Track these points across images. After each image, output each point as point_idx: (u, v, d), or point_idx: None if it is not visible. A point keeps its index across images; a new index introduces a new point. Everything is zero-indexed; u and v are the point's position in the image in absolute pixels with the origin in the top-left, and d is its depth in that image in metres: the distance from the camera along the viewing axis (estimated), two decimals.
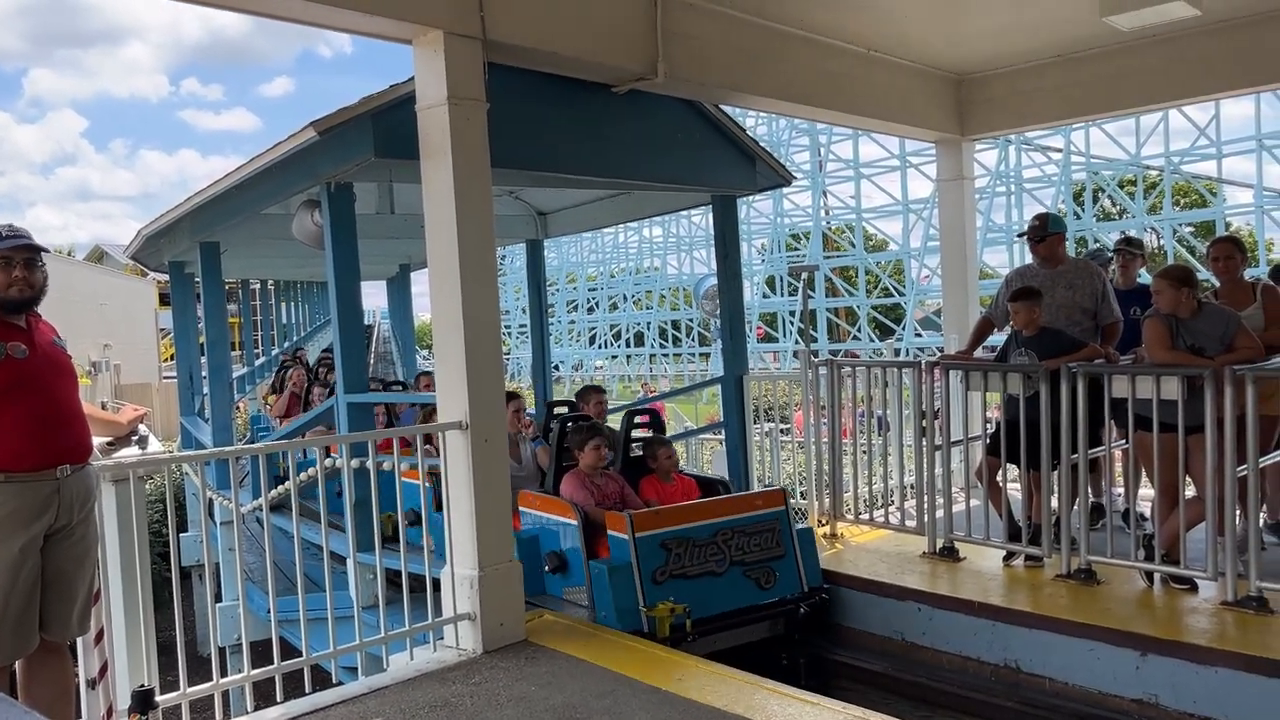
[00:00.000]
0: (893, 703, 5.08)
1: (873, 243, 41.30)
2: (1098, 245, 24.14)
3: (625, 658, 4.75)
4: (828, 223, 40.03)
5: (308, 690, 4.43)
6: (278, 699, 4.35)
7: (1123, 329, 6.40)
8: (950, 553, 6.25)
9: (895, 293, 36.36)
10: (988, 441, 6.39)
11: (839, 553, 6.61)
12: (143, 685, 3.82)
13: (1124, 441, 6.05)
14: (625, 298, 49.97)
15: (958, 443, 6.58)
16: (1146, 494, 6.17)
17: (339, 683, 4.78)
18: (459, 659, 4.80)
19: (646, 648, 4.93)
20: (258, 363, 18.85)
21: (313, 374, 11.56)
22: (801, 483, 7.80)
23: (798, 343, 33.28)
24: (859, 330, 36.95)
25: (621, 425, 6.66)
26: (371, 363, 24.57)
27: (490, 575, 4.91)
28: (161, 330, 36.61)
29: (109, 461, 3.91)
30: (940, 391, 6.47)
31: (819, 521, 7.01)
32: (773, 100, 7.05)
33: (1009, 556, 6.07)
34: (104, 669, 3.74)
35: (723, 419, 8.43)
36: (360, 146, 5.79)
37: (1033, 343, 5.99)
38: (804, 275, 10.98)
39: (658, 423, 6.93)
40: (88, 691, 3.70)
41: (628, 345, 49.31)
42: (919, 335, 32.94)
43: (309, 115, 5.89)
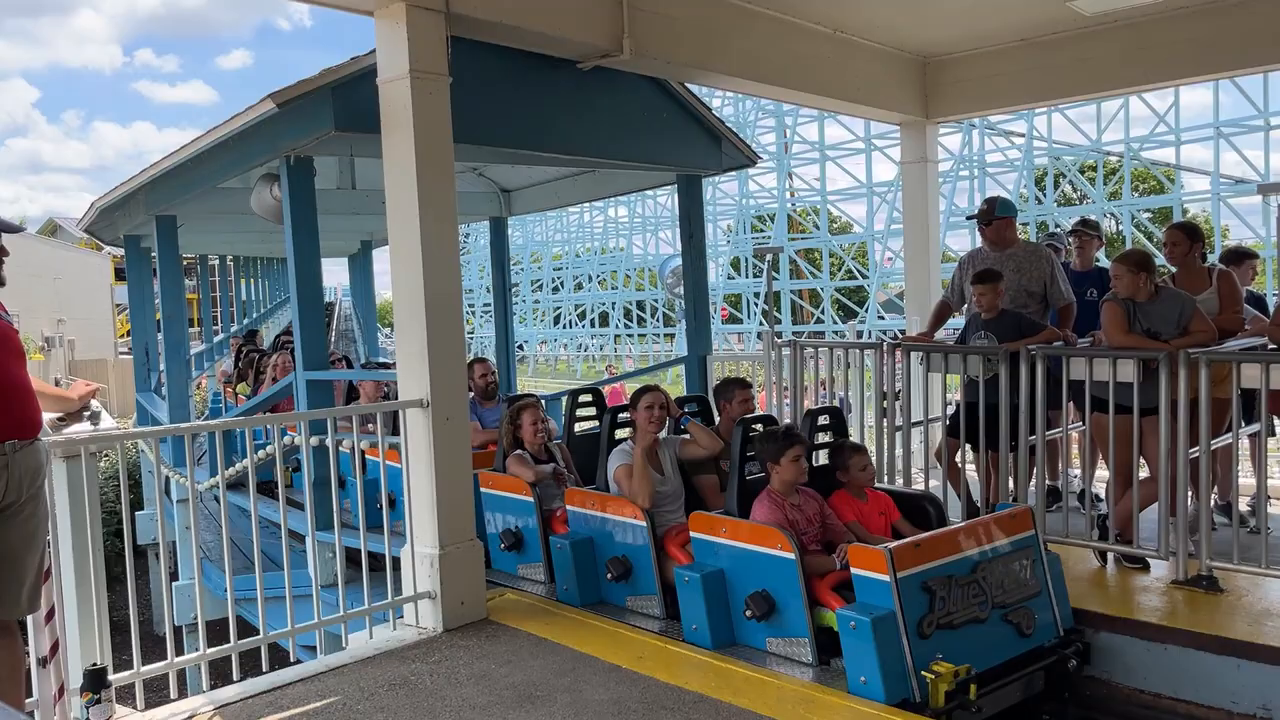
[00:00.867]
0: None
1: (837, 225, 41.50)
2: (1058, 229, 24.43)
3: (586, 636, 4.76)
4: (793, 205, 40.15)
5: (265, 669, 4.40)
6: (234, 678, 4.31)
7: (1081, 312, 6.47)
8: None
9: (859, 275, 36.60)
10: (947, 423, 6.45)
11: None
12: (95, 664, 3.77)
13: (1081, 424, 6.12)
14: (590, 277, 49.88)
15: (918, 424, 6.62)
16: (1103, 475, 6.26)
17: (297, 661, 4.75)
18: (419, 637, 4.78)
19: (608, 626, 4.94)
20: (216, 339, 18.59)
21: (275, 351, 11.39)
22: None
23: (762, 324, 33.41)
24: (822, 312, 37.15)
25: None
26: (333, 340, 24.34)
27: (451, 554, 4.89)
28: (117, 305, 36.02)
29: (59, 438, 3.83)
30: (901, 373, 6.51)
31: None
32: (739, 80, 7.02)
33: None
34: (55, 647, 3.67)
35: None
36: (320, 120, 5.71)
37: (993, 325, 6.05)
38: (768, 257, 10.99)
39: (840, 423, 5.47)
40: (39, 670, 3.63)
41: (592, 325, 49.25)
42: (881, 317, 33.17)
43: (267, 88, 5.78)
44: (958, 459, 6.32)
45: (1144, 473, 5.61)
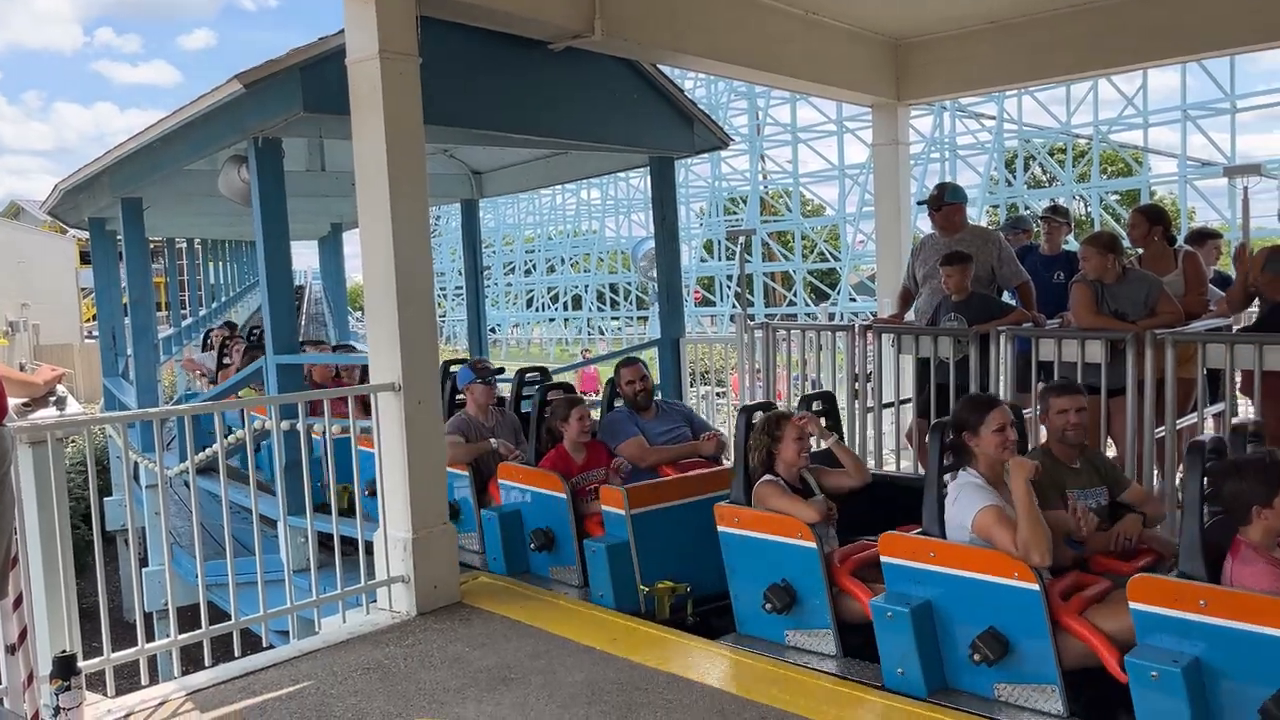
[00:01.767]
0: None
1: (809, 207, 41.56)
2: (1027, 211, 24.63)
3: (560, 618, 4.77)
4: (765, 187, 40.16)
5: (237, 655, 4.38)
6: (206, 664, 4.28)
7: (1049, 294, 6.53)
8: None
9: (831, 258, 36.71)
10: (918, 404, 6.50)
11: None
12: (64, 651, 3.73)
13: None
14: (563, 260, 49.68)
15: (889, 405, 6.68)
16: None
17: (270, 646, 4.72)
18: (392, 621, 4.78)
19: (582, 609, 4.95)
20: (184, 323, 18.38)
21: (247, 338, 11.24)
22: None
23: (735, 307, 33.46)
24: (795, 295, 37.25)
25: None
26: (303, 324, 24.15)
27: (424, 538, 4.88)
28: (83, 289, 35.49)
29: (25, 423, 3.78)
30: (873, 355, 6.56)
31: None
32: (711, 61, 7.01)
33: None
34: (23, 634, 3.63)
35: (659, 382, 8.45)
36: (288, 100, 5.64)
37: (962, 307, 6.09)
38: (741, 239, 10.98)
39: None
40: (7, 657, 3.60)
41: (565, 308, 49.11)
42: (854, 300, 33.32)
43: (232, 69, 5.72)
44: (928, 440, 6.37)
45: (1111, 452, 5.68)
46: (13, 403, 3.70)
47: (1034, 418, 6.68)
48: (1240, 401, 6.76)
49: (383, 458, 4.93)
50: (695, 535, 4.86)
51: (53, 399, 3.98)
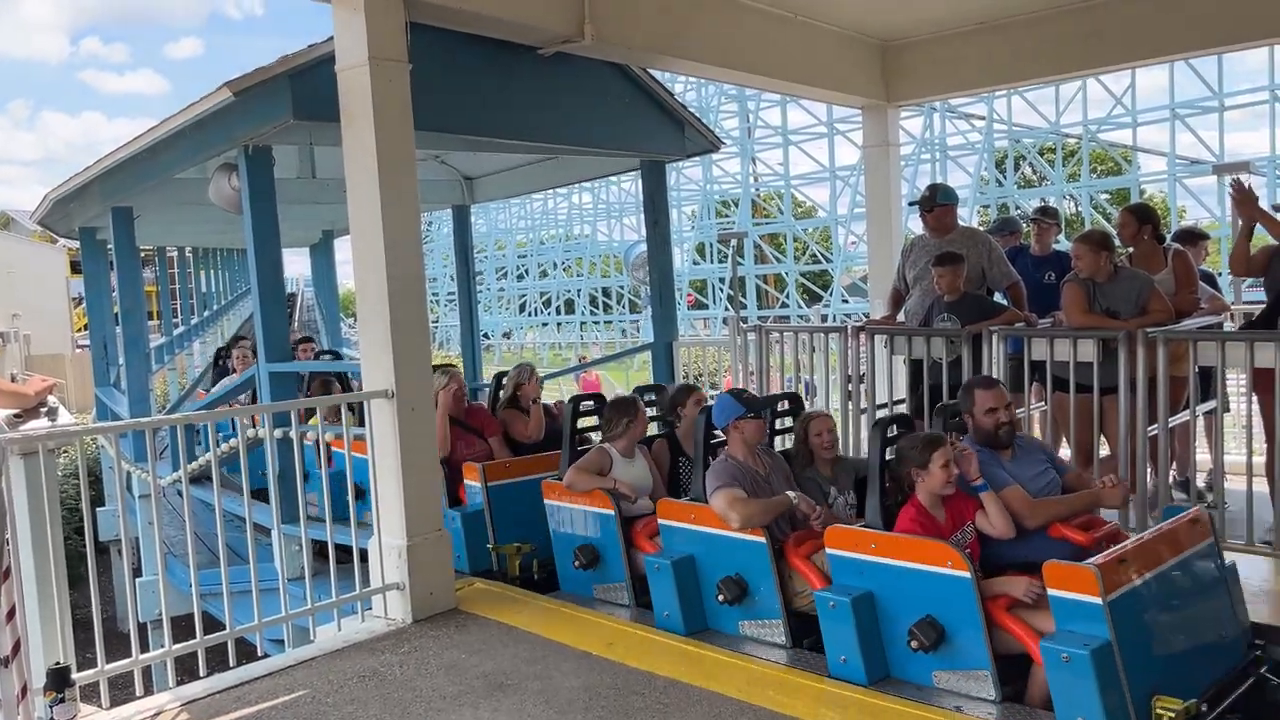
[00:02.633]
0: None
1: (801, 209, 41.60)
2: (1018, 211, 24.72)
3: (557, 624, 4.76)
4: (757, 189, 40.21)
5: (232, 664, 4.36)
6: (201, 674, 4.27)
7: (1040, 295, 6.54)
8: None
9: (823, 259, 36.75)
10: (911, 405, 6.50)
11: None
12: (58, 662, 3.72)
13: (1043, 404, 6.21)
14: (555, 265, 49.65)
15: (882, 406, 6.68)
16: (1065, 454, 6.34)
17: (264, 656, 4.71)
18: (388, 629, 4.77)
19: (578, 614, 4.94)
20: (176, 332, 18.33)
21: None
22: None
23: (727, 309, 33.48)
24: (787, 296, 37.28)
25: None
26: (295, 331, 24.08)
27: (419, 545, 4.86)
28: (74, 299, 35.38)
29: (16, 435, 3.77)
30: (866, 356, 6.57)
31: None
32: (701, 65, 7.01)
33: None
34: (16, 647, 3.61)
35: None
36: (278, 108, 5.64)
37: (955, 307, 6.10)
38: (733, 242, 11.02)
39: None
40: (0, 670, 3.58)
41: (558, 313, 49.08)
42: (846, 301, 33.38)
43: (220, 77, 5.77)
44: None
45: (1104, 450, 5.70)
46: (3, 414, 3.69)
47: (1026, 418, 6.72)
48: (1232, 398, 6.80)
49: (376, 465, 4.92)
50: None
51: (44, 410, 3.97)
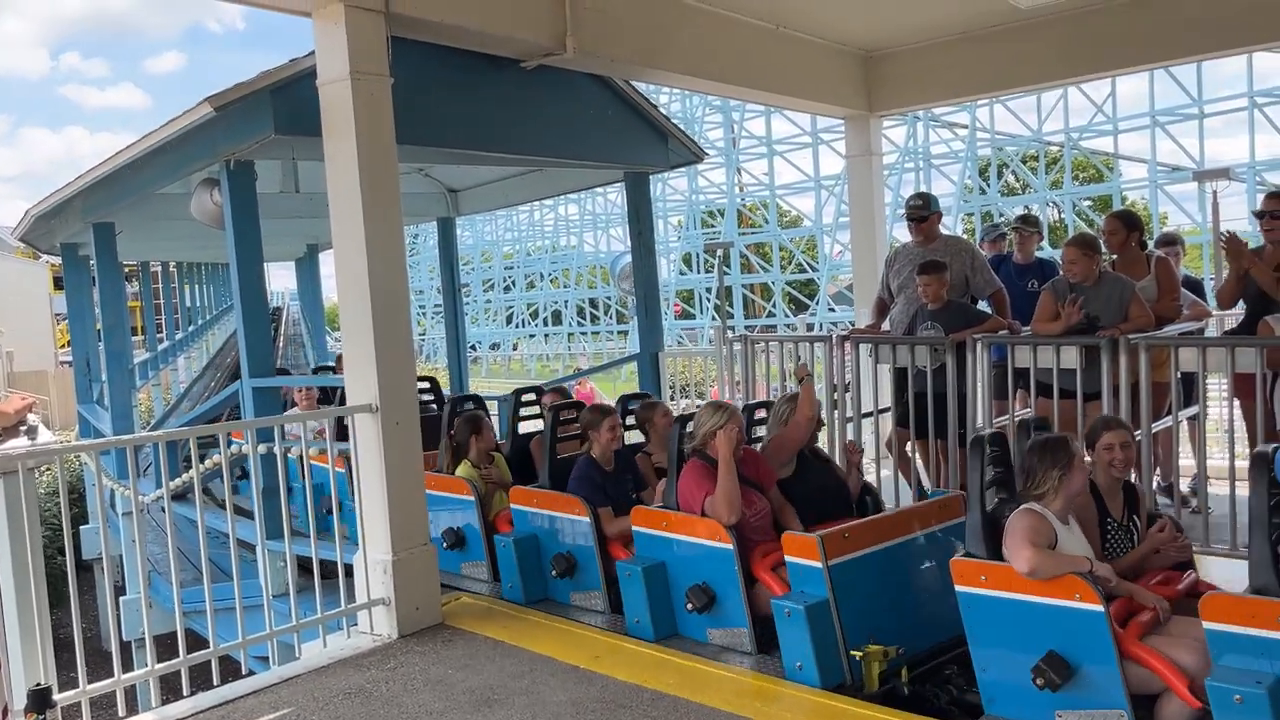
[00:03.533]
0: None
1: (786, 219, 41.75)
2: (1002, 219, 24.84)
3: (543, 638, 4.74)
4: (742, 199, 40.34)
5: (216, 683, 4.32)
6: (185, 693, 4.23)
7: (1024, 303, 6.56)
8: None
9: (809, 268, 36.88)
10: (896, 413, 6.52)
11: None
12: (39, 683, 3.68)
13: (1028, 410, 6.21)
14: (542, 276, 49.67)
15: (868, 415, 6.69)
16: None
17: (250, 673, 4.67)
18: (374, 644, 4.73)
19: (564, 626, 4.92)
20: (160, 347, 18.24)
21: None
22: None
23: (714, 319, 33.52)
24: (774, 306, 37.37)
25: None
26: (281, 345, 24.00)
27: (404, 559, 4.84)
28: (56, 315, 35.17)
29: None
30: (851, 364, 6.58)
31: None
32: (684, 76, 7.03)
33: None
34: None
35: None
36: (259, 123, 5.63)
37: (939, 316, 6.12)
38: (719, 252, 11.03)
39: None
40: None
41: (545, 324, 49.06)
42: (832, 310, 33.49)
43: (201, 92, 5.71)
44: (907, 449, 6.39)
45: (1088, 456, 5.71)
46: None
47: (1011, 425, 6.73)
48: (1214, 403, 6.84)
49: (361, 480, 4.89)
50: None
51: (24, 428, 3.94)
